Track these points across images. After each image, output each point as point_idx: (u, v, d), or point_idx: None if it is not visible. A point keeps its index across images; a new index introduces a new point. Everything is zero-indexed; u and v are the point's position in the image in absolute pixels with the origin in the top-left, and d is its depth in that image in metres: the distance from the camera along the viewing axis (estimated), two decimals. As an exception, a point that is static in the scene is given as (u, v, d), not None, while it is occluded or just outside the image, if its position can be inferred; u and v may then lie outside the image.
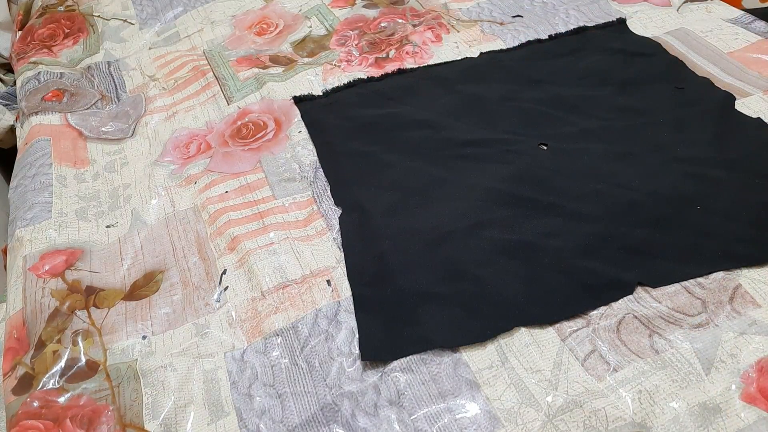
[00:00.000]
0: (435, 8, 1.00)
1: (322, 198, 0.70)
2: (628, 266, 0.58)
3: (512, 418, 0.49)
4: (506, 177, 0.68)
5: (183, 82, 0.93)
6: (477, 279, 0.58)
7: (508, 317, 0.55)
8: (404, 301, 0.57)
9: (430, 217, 0.65)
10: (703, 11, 0.90)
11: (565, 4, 0.96)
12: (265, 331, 0.59)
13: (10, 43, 1.16)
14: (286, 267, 0.64)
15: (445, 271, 0.59)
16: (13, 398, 0.57)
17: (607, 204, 0.63)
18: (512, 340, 0.54)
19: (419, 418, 0.50)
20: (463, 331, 0.54)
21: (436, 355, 0.54)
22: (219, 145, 0.80)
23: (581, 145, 0.71)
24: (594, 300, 0.56)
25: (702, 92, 0.76)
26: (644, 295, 0.56)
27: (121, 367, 0.58)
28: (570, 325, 0.55)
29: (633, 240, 0.60)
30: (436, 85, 0.83)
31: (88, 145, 0.85)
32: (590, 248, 0.60)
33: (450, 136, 0.74)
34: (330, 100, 0.83)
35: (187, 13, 1.09)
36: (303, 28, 1.00)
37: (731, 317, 0.53)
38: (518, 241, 0.61)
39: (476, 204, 0.65)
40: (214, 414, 0.54)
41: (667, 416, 0.48)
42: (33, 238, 0.72)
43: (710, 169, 0.66)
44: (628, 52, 0.84)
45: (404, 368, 0.53)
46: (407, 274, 0.59)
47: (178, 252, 0.68)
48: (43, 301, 0.65)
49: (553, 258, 0.59)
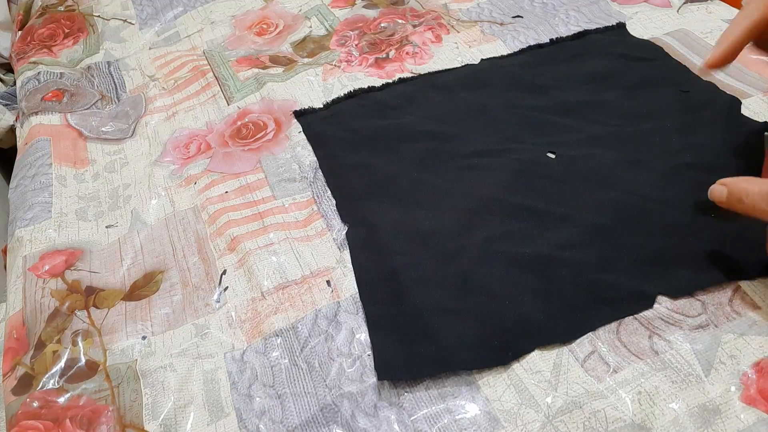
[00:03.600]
0: (435, 9, 1.00)
1: (322, 198, 0.70)
2: (646, 277, 0.57)
3: (512, 419, 0.49)
4: (516, 188, 0.67)
5: (183, 82, 0.93)
6: (493, 294, 0.57)
7: (527, 336, 0.53)
8: (419, 317, 0.56)
9: (441, 231, 0.63)
10: (703, 12, 0.90)
11: (565, 4, 0.96)
12: (265, 331, 0.59)
13: (10, 43, 1.16)
14: (286, 267, 0.64)
15: (459, 286, 0.58)
16: (12, 398, 0.57)
17: (620, 213, 0.62)
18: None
19: (419, 419, 0.50)
20: (483, 352, 0.53)
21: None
22: (219, 146, 0.80)
23: (590, 152, 0.70)
24: (614, 313, 0.54)
25: (708, 96, 0.75)
26: (644, 296, 0.56)
27: (120, 367, 0.58)
28: (570, 326, 0.55)
29: (649, 250, 0.59)
30: (439, 93, 0.82)
31: (88, 145, 0.85)
32: (607, 260, 0.58)
33: (456, 147, 0.73)
34: (331, 111, 0.82)
35: (187, 13, 1.09)
36: (303, 29, 1.00)
37: (731, 318, 0.53)
38: (533, 254, 0.59)
39: (487, 216, 0.64)
40: (214, 414, 0.54)
41: (667, 417, 0.48)
42: (33, 238, 0.72)
43: (721, 175, 0.65)
44: (632, 57, 0.83)
45: (404, 369, 0.53)
46: (420, 290, 0.58)
47: (178, 252, 0.68)
48: (42, 301, 0.65)
49: (570, 271, 0.58)
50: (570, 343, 0.53)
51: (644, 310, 0.55)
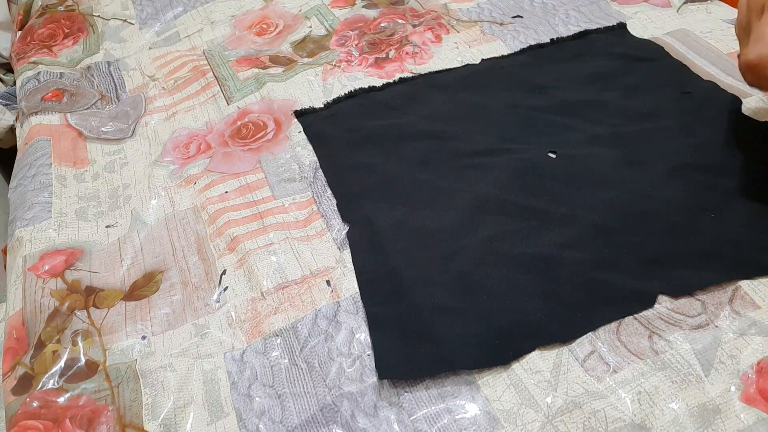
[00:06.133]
0: (435, 9, 1.00)
1: (322, 198, 0.70)
2: (647, 277, 0.57)
3: (512, 419, 0.49)
4: (517, 187, 0.67)
5: (183, 82, 0.93)
6: (493, 294, 0.57)
7: (527, 336, 0.53)
8: (420, 317, 0.56)
9: (441, 230, 0.63)
10: (703, 12, 0.90)
11: (564, 4, 0.96)
12: (265, 331, 0.59)
13: (10, 43, 1.16)
14: (286, 267, 0.64)
15: (460, 285, 0.58)
16: (12, 398, 0.57)
17: (621, 213, 0.62)
18: (512, 340, 0.54)
19: (419, 419, 0.50)
20: (483, 352, 0.53)
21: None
22: (219, 146, 0.80)
23: (591, 152, 0.70)
24: (614, 313, 0.54)
25: (709, 96, 0.75)
26: (644, 296, 0.56)
27: (120, 367, 0.58)
28: (570, 326, 0.55)
29: (650, 249, 0.59)
30: (439, 93, 0.82)
31: (88, 145, 0.85)
32: (607, 260, 0.58)
33: (456, 146, 0.73)
34: (331, 111, 0.82)
35: (187, 13, 1.09)
36: (303, 29, 1.00)
37: (731, 318, 0.53)
38: (533, 254, 0.60)
39: (488, 216, 0.64)
40: (214, 414, 0.54)
41: (667, 417, 0.48)
42: (33, 238, 0.72)
43: (722, 175, 0.65)
44: (632, 57, 0.83)
45: (404, 369, 0.53)
46: (421, 289, 0.58)
47: (178, 252, 0.68)
48: (42, 301, 0.65)
49: (571, 271, 0.58)
50: (570, 343, 0.53)
51: (644, 310, 0.55)
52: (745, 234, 0.59)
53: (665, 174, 0.66)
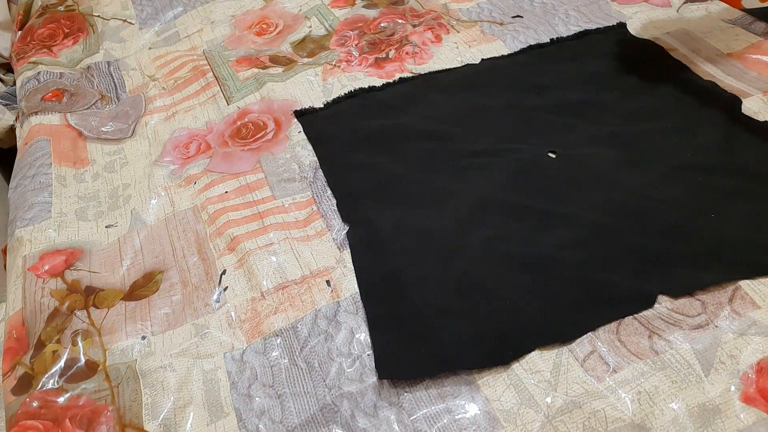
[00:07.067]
0: (435, 8, 1.00)
1: (322, 198, 0.70)
2: (647, 277, 0.57)
3: (512, 419, 0.49)
4: (517, 187, 0.67)
5: (183, 82, 0.93)
6: (494, 294, 0.57)
7: (527, 336, 0.53)
8: (420, 317, 0.56)
9: (441, 230, 0.63)
10: (703, 12, 0.90)
11: (564, 4, 0.96)
12: (265, 331, 0.59)
13: (10, 43, 1.16)
14: (286, 267, 0.64)
15: (460, 286, 0.58)
16: (12, 398, 0.57)
17: (621, 213, 0.62)
18: (512, 340, 0.54)
19: (419, 419, 0.50)
20: (483, 352, 0.53)
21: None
22: (219, 146, 0.80)
23: (590, 152, 0.70)
24: (614, 313, 0.54)
25: (708, 96, 0.75)
26: (644, 296, 0.56)
27: (120, 367, 0.58)
28: (569, 326, 0.54)
29: (650, 250, 0.59)
30: (439, 93, 0.82)
31: (88, 145, 0.85)
32: (607, 260, 0.58)
33: (456, 146, 0.73)
34: (331, 111, 0.82)
35: (187, 13, 1.09)
36: (303, 28, 1.00)
37: (731, 318, 0.53)
38: (533, 254, 0.59)
39: (487, 216, 0.64)
40: (214, 414, 0.54)
41: (667, 417, 0.48)
42: (32, 238, 0.72)
43: (722, 175, 0.65)
44: (632, 57, 0.83)
45: (404, 369, 0.53)
46: (421, 289, 0.58)
47: (178, 252, 0.68)
48: (42, 301, 0.65)
49: (571, 271, 0.58)
50: (570, 343, 0.53)
51: (644, 310, 0.55)
52: (745, 234, 0.59)
53: (665, 174, 0.66)
